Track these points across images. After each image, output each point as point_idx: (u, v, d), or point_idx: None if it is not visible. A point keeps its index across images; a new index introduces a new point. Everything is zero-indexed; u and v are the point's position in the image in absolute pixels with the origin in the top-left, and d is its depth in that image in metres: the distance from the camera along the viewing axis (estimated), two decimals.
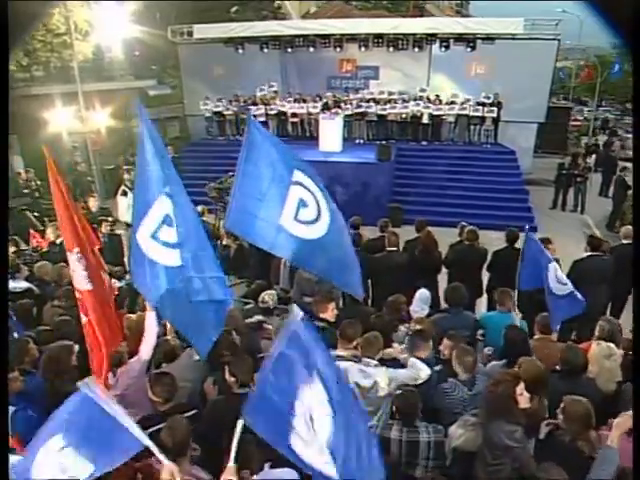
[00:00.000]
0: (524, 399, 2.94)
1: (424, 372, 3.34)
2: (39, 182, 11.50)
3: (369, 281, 5.79)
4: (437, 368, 3.68)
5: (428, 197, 12.64)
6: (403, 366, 3.43)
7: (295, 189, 3.68)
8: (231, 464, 2.38)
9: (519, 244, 6.19)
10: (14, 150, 13.08)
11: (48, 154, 3.66)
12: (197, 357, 3.44)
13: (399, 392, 3.04)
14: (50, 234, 6.46)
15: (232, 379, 3.09)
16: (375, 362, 3.40)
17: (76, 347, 3.84)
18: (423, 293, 4.64)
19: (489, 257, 6.09)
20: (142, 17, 16.00)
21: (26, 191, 10.33)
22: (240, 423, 2.33)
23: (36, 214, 8.95)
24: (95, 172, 12.57)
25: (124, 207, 6.52)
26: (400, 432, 2.94)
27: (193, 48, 17.25)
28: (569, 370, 3.36)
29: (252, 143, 3.67)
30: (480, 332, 4.34)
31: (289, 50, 16.49)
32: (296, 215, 3.63)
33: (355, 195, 11.64)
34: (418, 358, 3.44)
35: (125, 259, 6.47)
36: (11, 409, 3.14)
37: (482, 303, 6.27)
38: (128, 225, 6.68)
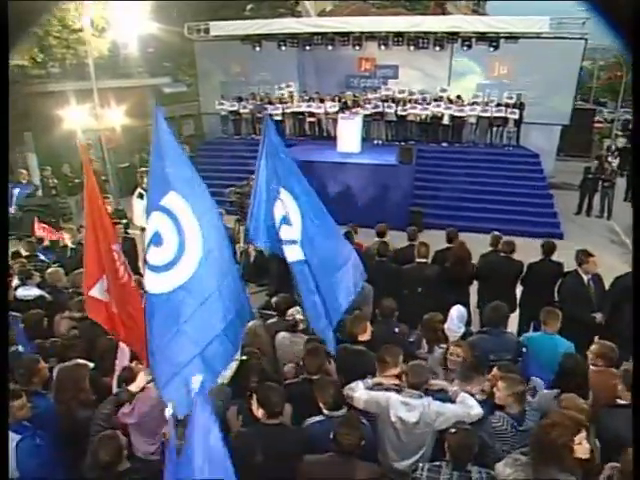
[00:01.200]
0: (583, 449, 2.58)
1: (475, 411, 3.00)
2: (55, 180, 11.36)
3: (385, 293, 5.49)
4: (478, 397, 3.35)
5: (449, 201, 12.25)
6: (451, 400, 3.10)
7: (278, 204, 3.41)
8: None
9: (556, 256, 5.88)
10: (29, 147, 12.93)
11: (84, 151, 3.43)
12: (219, 381, 3.15)
13: (454, 430, 2.71)
14: (66, 237, 6.18)
15: (261, 410, 2.78)
16: (419, 392, 3.07)
17: (90, 365, 3.59)
18: (459, 310, 4.30)
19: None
20: (159, 14, 15.79)
21: (29, 191, 10.11)
22: None
23: (51, 217, 8.62)
24: (109, 171, 12.35)
25: (140, 210, 6.23)
26: (450, 477, 2.62)
27: (209, 45, 17.02)
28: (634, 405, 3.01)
29: (268, 148, 3.42)
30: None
31: (307, 48, 16.20)
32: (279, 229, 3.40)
33: (375, 198, 11.31)
34: (468, 392, 3.12)
35: (140, 264, 6.18)
36: (15, 437, 2.87)
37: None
38: (143, 229, 6.41)
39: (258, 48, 16.40)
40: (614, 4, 0.80)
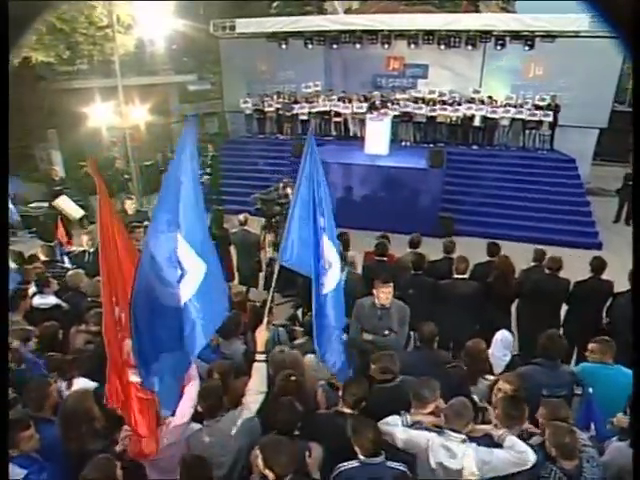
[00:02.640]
0: None
1: (528, 456, 2.63)
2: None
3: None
4: (534, 441, 2.96)
5: (479, 207, 11.76)
6: (497, 445, 2.73)
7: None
8: None
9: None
10: (53, 144, 12.89)
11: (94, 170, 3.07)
12: (249, 415, 2.84)
13: None
14: (84, 240, 5.93)
15: (270, 474, 2.37)
16: (462, 437, 2.71)
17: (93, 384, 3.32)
18: (505, 335, 3.91)
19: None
20: (185, 11, 15.65)
21: (58, 188, 10.01)
22: None
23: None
24: (133, 169, 12.22)
25: None
26: None
27: (235, 43, 16.81)
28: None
29: (311, 168, 3.10)
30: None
31: (334, 46, 15.89)
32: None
33: (403, 203, 10.90)
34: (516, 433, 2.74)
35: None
36: (22, 472, 2.62)
37: None
38: None
39: (284, 46, 16.15)
40: (614, 4, 0.78)
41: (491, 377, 3.52)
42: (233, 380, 3.16)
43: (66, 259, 6.21)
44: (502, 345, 3.84)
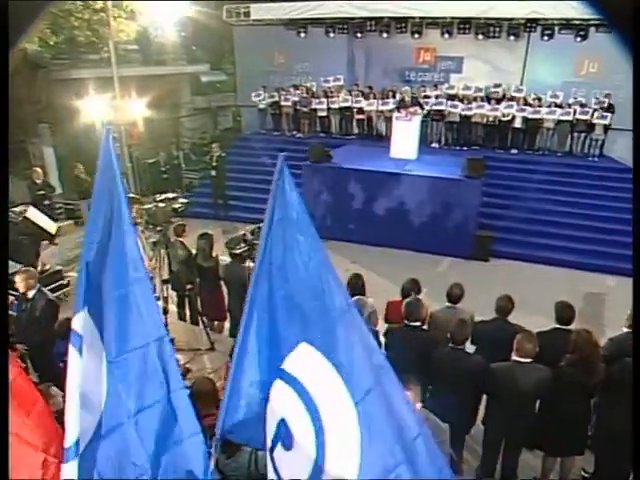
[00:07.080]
0: None
1: None
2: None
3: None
4: None
5: (521, 223, 10.15)
6: None
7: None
8: None
9: None
10: (44, 140, 11.72)
11: None
12: None
13: None
14: (19, 283, 4.32)
15: None
16: None
17: None
18: None
19: None
20: None
21: (41, 193, 8.81)
22: None
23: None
24: (129, 170, 10.98)
25: None
26: None
27: (249, 30, 15.40)
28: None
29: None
30: None
31: (358, 35, 14.39)
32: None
33: (434, 217, 9.41)
34: None
35: None
36: None
37: None
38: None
39: (303, 34, 14.71)
40: (614, 3, 0.77)
41: None
42: None
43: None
44: None
